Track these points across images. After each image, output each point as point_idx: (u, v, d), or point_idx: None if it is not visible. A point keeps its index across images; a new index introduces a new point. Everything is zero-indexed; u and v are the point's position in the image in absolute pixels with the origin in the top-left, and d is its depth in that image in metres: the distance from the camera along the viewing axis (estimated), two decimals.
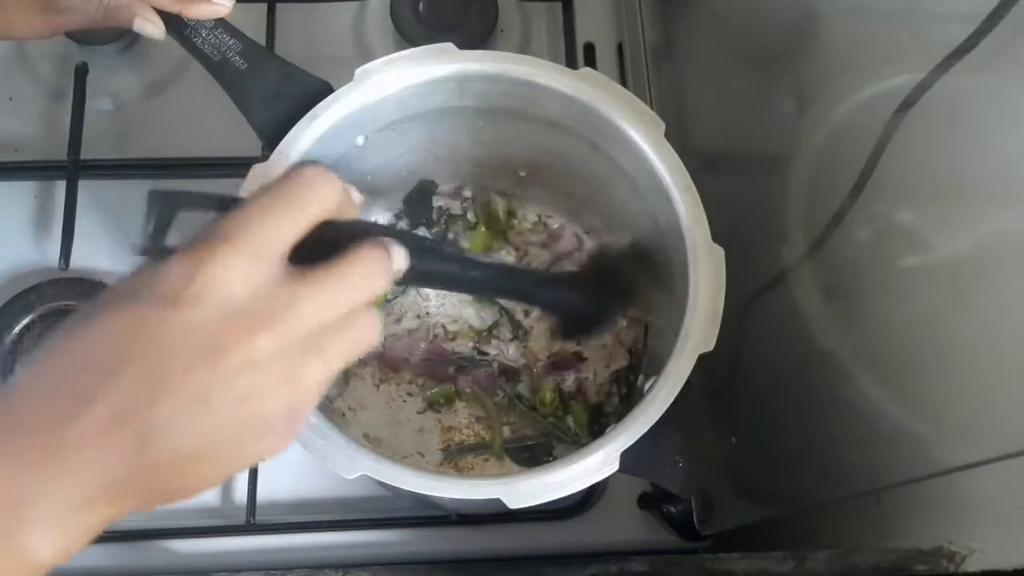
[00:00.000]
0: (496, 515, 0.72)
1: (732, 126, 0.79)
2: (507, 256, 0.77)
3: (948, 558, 0.57)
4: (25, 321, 0.74)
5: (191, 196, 0.46)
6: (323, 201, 0.44)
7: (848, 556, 0.59)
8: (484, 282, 0.61)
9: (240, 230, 0.41)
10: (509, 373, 0.74)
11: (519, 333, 0.75)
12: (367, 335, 0.44)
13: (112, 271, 0.77)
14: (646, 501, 0.73)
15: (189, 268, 0.39)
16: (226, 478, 0.42)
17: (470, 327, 0.75)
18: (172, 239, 0.44)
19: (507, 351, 0.74)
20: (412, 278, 0.50)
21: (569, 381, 0.74)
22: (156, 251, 0.43)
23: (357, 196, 0.48)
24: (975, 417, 0.52)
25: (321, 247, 0.43)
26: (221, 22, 0.63)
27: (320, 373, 0.42)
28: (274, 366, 0.40)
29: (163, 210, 0.44)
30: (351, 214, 0.47)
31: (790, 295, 0.68)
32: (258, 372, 0.40)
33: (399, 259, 0.47)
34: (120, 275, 0.42)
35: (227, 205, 0.44)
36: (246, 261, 0.40)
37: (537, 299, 0.68)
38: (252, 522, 0.71)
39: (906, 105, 0.55)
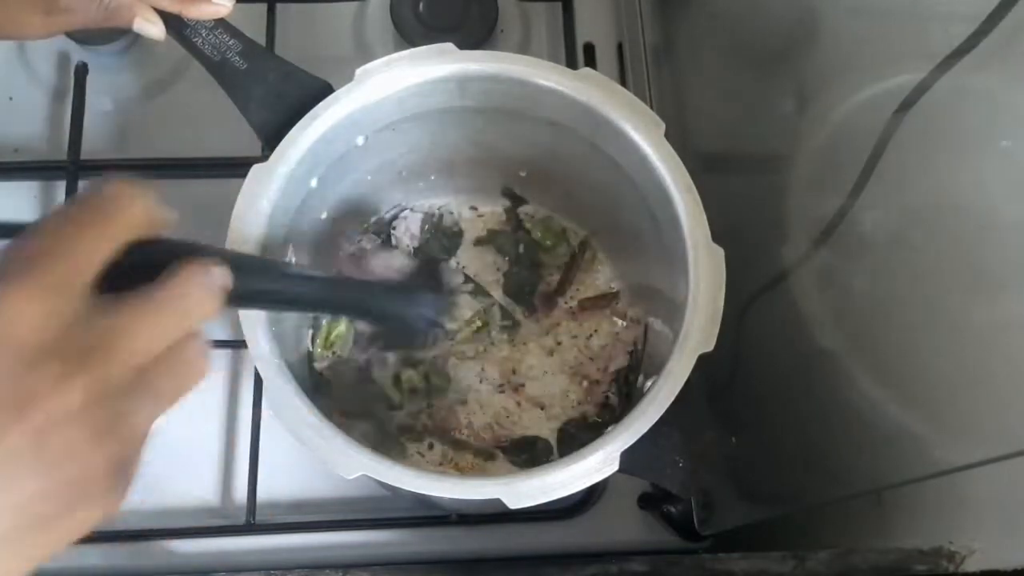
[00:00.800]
0: (496, 515, 0.72)
1: (732, 126, 0.79)
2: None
3: (948, 558, 0.57)
4: None
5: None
6: (129, 220, 0.38)
7: (848, 556, 0.59)
8: (318, 298, 0.59)
9: (34, 261, 0.35)
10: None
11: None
12: (197, 366, 0.39)
13: None
14: (646, 501, 0.73)
15: None
16: (41, 562, 0.35)
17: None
18: None
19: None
20: (240, 299, 0.46)
21: None
22: None
23: (169, 213, 0.41)
24: (975, 417, 0.52)
25: (135, 273, 0.38)
26: (221, 22, 0.63)
27: (148, 416, 0.37)
28: (91, 416, 0.35)
29: None
30: (162, 232, 0.41)
31: (790, 295, 0.68)
32: (72, 426, 0.34)
33: (220, 278, 0.41)
34: None
35: (11, 232, 0.37)
36: (44, 297, 0.34)
37: (373, 311, 0.66)
38: (252, 522, 0.71)
39: (906, 105, 0.55)
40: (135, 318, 0.37)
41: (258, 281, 0.51)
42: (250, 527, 0.71)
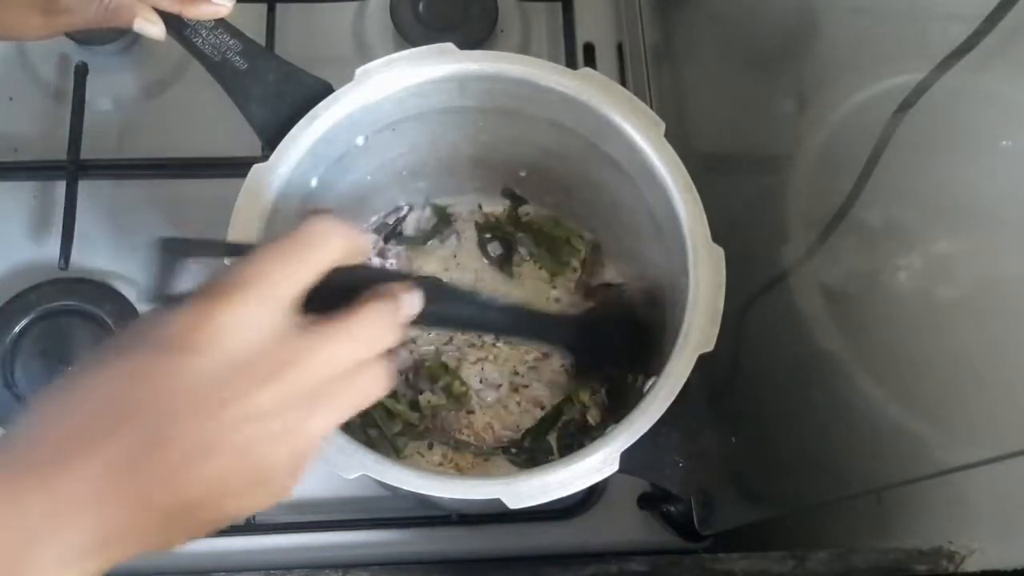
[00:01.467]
0: (496, 515, 0.72)
1: (732, 126, 0.79)
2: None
3: (948, 558, 0.57)
4: (25, 321, 0.74)
5: (200, 243, 0.46)
6: (334, 250, 0.43)
7: (848, 556, 0.59)
8: (500, 324, 0.61)
9: (250, 279, 0.41)
10: None
11: None
12: (374, 389, 0.44)
13: (111, 271, 0.77)
14: (646, 501, 0.73)
15: (197, 316, 0.39)
16: (224, 525, 0.42)
17: None
18: (181, 286, 0.44)
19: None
20: (427, 321, 0.49)
21: None
22: (163, 299, 0.43)
23: (367, 240, 0.48)
24: (975, 417, 0.52)
25: (331, 294, 0.43)
26: (221, 22, 0.63)
27: (322, 426, 0.42)
28: (276, 419, 0.40)
29: (170, 257, 0.44)
30: (361, 260, 0.46)
31: (790, 295, 0.68)
32: (260, 425, 0.40)
33: (411, 306, 0.46)
34: (126, 323, 0.42)
35: (238, 252, 0.43)
36: (255, 311, 0.40)
37: (553, 339, 0.67)
38: (252, 522, 0.71)
39: (906, 105, 0.55)
40: (326, 342, 0.42)
41: (446, 306, 0.53)
42: (250, 527, 0.71)
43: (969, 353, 0.53)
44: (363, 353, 0.43)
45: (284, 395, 0.40)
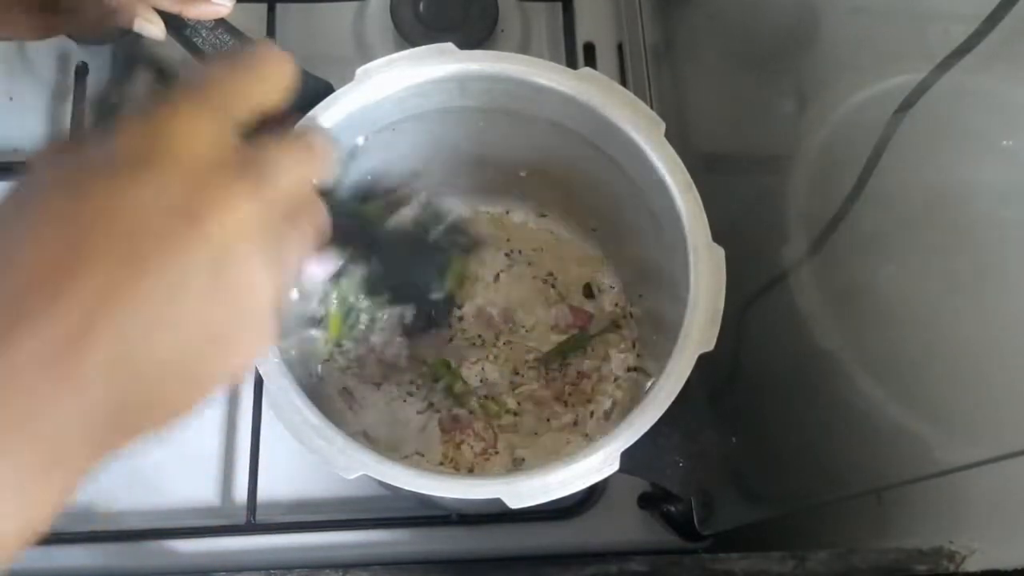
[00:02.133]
0: (496, 515, 0.72)
1: (732, 126, 0.79)
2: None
3: (948, 558, 0.57)
4: None
5: (156, 54, 0.43)
6: (283, 76, 0.40)
7: (848, 556, 0.59)
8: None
9: (205, 88, 0.37)
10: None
11: None
12: (322, 216, 0.41)
13: None
14: (646, 501, 0.73)
15: (148, 127, 0.35)
16: (210, 394, 0.35)
17: None
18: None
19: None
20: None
21: None
22: (105, 108, 0.39)
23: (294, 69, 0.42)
24: (975, 417, 0.52)
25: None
26: (221, 22, 0.63)
27: (298, 252, 0.39)
28: (259, 235, 0.35)
29: (123, 63, 0.41)
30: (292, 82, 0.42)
31: (790, 295, 0.68)
32: (242, 241, 0.35)
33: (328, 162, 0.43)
34: (54, 143, 0.36)
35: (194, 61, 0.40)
36: (214, 117, 0.36)
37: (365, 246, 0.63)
38: (252, 522, 0.71)
39: (906, 105, 0.55)
40: (283, 152, 0.38)
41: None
42: (250, 527, 0.71)
43: (969, 353, 0.53)
44: (311, 171, 0.40)
45: (259, 207, 0.35)
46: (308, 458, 0.54)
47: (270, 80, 0.40)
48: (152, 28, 0.62)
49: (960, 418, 0.53)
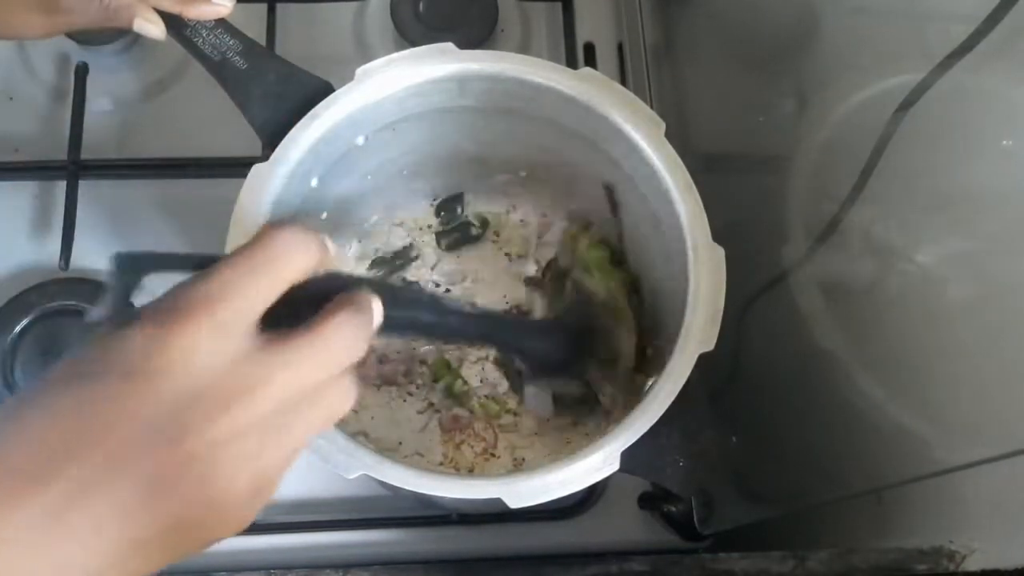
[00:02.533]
0: (496, 515, 0.72)
1: (732, 126, 0.79)
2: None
3: (948, 558, 0.57)
4: (25, 321, 0.74)
5: (160, 257, 0.43)
6: (299, 265, 0.41)
7: (848, 556, 0.59)
8: (463, 330, 0.59)
9: (210, 299, 0.38)
10: None
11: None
12: (340, 406, 0.42)
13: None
14: (646, 501, 0.73)
15: (153, 341, 0.37)
16: (178, 561, 0.39)
17: None
18: (138, 303, 0.41)
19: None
20: (389, 329, 0.47)
21: None
22: (117, 319, 0.40)
23: (332, 248, 0.44)
24: (975, 417, 0.52)
25: (293, 305, 0.41)
26: (221, 22, 0.63)
27: (289, 450, 0.40)
28: (239, 446, 0.38)
29: (128, 274, 0.42)
30: (326, 269, 0.44)
31: (790, 295, 0.68)
32: (222, 452, 0.37)
33: (372, 317, 0.44)
34: (77, 345, 0.39)
35: (199, 265, 0.40)
36: (215, 334, 0.37)
37: (515, 346, 0.66)
38: (252, 522, 0.71)
39: (906, 105, 0.55)
40: (289, 361, 0.39)
41: (408, 312, 0.52)
42: (250, 527, 0.70)
43: (969, 353, 0.53)
44: (327, 372, 0.41)
45: (245, 423, 0.38)
46: (308, 458, 0.54)
47: (283, 276, 0.40)
48: (152, 28, 0.62)
49: (960, 418, 0.53)
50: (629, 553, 0.63)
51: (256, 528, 0.71)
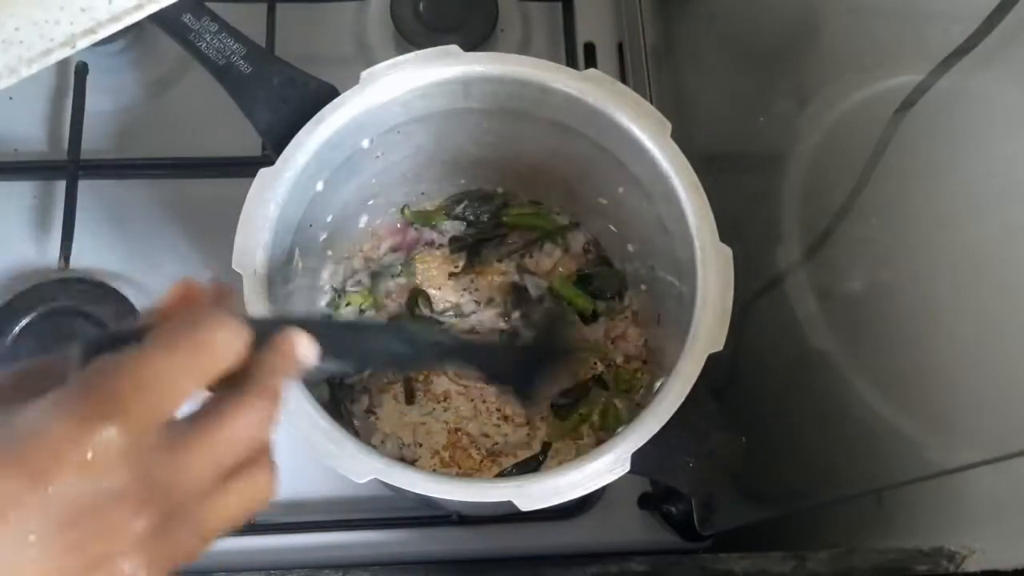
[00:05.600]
0: (497, 515, 0.72)
1: (732, 126, 0.79)
2: None
3: (948, 558, 0.57)
4: (25, 321, 0.74)
5: (115, 336, 0.39)
6: (225, 360, 0.39)
7: (848, 556, 0.59)
8: (429, 356, 0.56)
9: (123, 398, 0.36)
10: None
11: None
12: (261, 493, 0.40)
13: (112, 271, 0.77)
14: (646, 501, 0.73)
15: (62, 440, 0.34)
16: None
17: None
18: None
19: None
20: (341, 364, 0.46)
21: None
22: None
23: (248, 337, 0.40)
24: (975, 417, 0.52)
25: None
26: (225, 26, 0.63)
27: (212, 530, 0.39)
28: (154, 542, 0.36)
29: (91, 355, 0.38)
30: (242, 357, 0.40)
31: (790, 296, 0.68)
32: (132, 554, 0.36)
33: (305, 356, 0.42)
34: None
35: (120, 342, 0.38)
36: (128, 437, 0.35)
37: (485, 369, 0.62)
38: (252, 522, 0.71)
39: (906, 105, 0.55)
40: (199, 452, 0.38)
41: (369, 343, 0.50)
42: (250, 527, 0.71)
43: (969, 353, 0.53)
44: (244, 451, 0.39)
45: (160, 517, 0.36)
46: (308, 458, 0.54)
47: (206, 368, 0.38)
48: None
49: (960, 418, 0.54)
50: (629, 553, 0.63)
51: (256, 528, 0.71)
